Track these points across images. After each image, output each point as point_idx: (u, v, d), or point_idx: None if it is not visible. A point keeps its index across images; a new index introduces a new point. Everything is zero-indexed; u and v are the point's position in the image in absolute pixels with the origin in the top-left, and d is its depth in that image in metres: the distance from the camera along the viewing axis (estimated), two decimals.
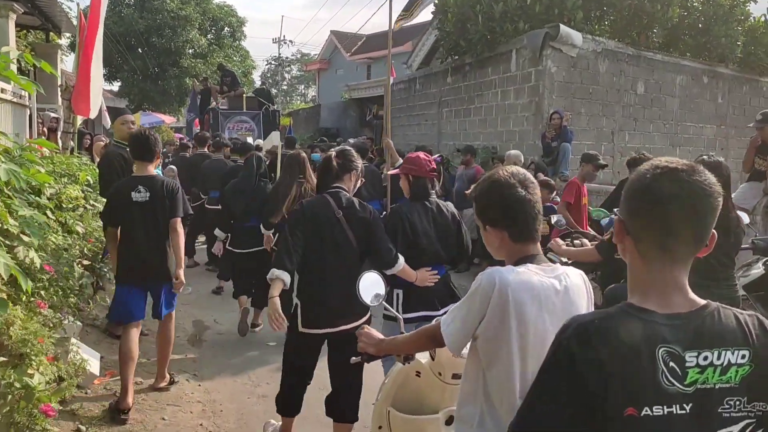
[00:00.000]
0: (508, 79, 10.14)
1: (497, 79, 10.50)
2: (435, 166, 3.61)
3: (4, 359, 2.78)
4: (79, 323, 4.42)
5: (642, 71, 10.27)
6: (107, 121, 7.80)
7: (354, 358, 2.31)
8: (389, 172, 6.65)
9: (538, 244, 1.83)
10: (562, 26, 9.10)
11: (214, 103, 17.40)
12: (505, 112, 10.28)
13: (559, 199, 6.51)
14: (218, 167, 7.72)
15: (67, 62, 19.00)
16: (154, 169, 4.18)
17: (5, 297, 2.93)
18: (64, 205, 5.47)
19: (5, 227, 3.16)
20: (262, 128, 16.26)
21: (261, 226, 5.50)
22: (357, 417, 3.37)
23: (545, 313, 1.66)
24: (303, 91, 57.43)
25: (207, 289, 7.23)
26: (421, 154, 3.64)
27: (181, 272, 4.07)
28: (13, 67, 3.38)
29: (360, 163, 3.54)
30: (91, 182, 6.18)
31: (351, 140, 17.22)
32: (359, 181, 3.57)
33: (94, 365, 4.11)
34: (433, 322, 1.94)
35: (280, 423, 3.60)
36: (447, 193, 8.92)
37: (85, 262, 5.27)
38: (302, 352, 3.36)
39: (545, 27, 9.23)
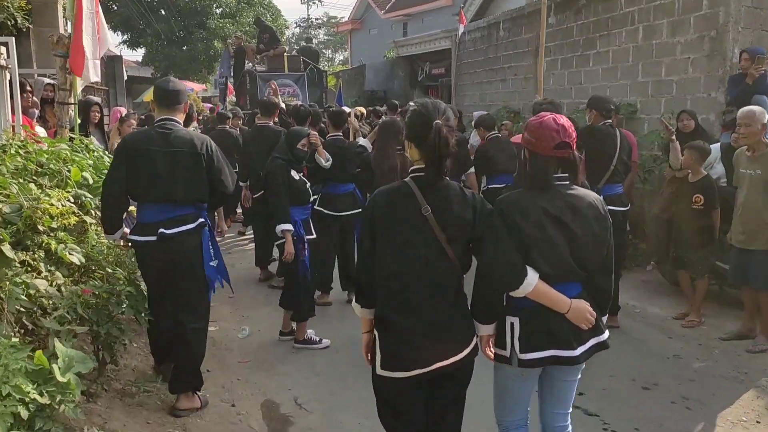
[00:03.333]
0: (659, 8, 7.42)
1: (637, 11, 7.78)
2: (570, 139, 2.41)
3: None
4: None
5: None
6: (93, 74, 5.41)
7: None
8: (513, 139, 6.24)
9: None
10: None
11: (250, 64, 14.96)
12: (651, 55, 7.58)
13: None
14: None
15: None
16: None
17: None
18: (40, 227, 3.15)
19: None
20: (307, 92, 13.82)
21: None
22: None
23: None
24: (330, 56, 54.66)
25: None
26: (550, 119, 2.42)
27: None
28: None
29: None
30: (90, 182, 3.81)
31: (412, 103, 14.68)
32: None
33: None
34: None
35: None
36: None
37: (78, 329, 2.98)
38: (395, 405, 2.46)
39: None
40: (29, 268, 3.11)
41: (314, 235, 4.80)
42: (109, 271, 3.48)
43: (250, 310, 5.61)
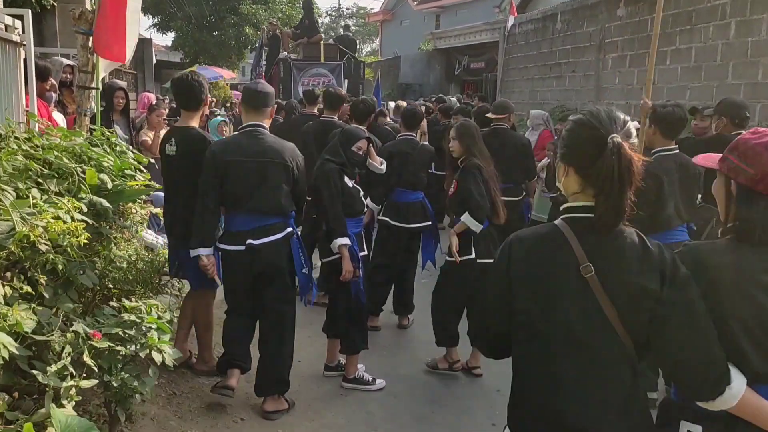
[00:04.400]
0: (759, 1, 6.52)
1: (729, 4, 6.88)
2: None
3: None
4: None
5: None
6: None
7: None
8: (696, 160, 3.76)
9: None
10: None
11: (285, 52, 14.24)
12: (745, 54, 6.68)
13: None
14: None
15: None
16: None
17: None
18: (42, 246, 2.45)
19: None
20: (344, 82, 13.06)
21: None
22: None
23: None
24: (359, 47, 53.85)
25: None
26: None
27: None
28: None
29: None
30: (109, 185, 3.08)
31: (453, 98, 13.89)
32: None
33: None
34: None
35: None
36: None
37: (84, 384, 2.28)
38: None
39: None
40: (28, 296, 2.41)
41: (366, 251, 4.07)
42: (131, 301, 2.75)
43: None
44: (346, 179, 3.84)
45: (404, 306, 5.05)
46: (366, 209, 4.05)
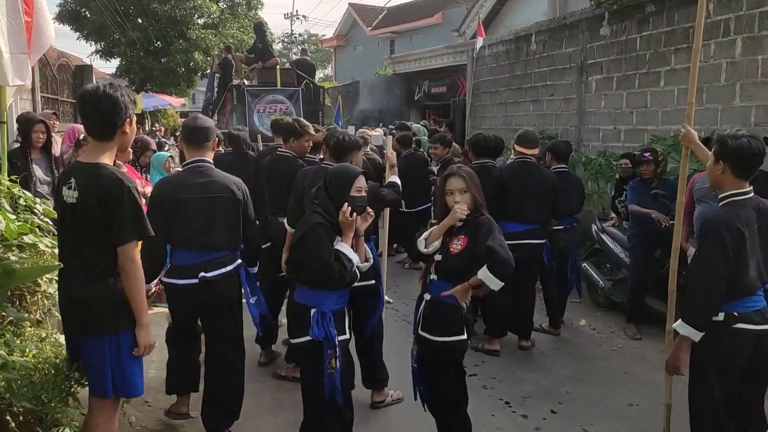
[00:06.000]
0: None
1: (733, 20, 6.27)
2: None
3: None
4: None
5: None
6: (16, 74, 3.70)
7: None
8: None
9: None
10: None
11: (239, 78, 13.26)
12: (754, 74, 6.05)
13: None
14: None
15: None
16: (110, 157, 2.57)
17: None
18: None
19: None
20: (302, 110, 12.16)
21: None
22: None
23: None
24: None
25: None
26: None
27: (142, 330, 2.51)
28: None
29: None
30: None
31: (416, 124, 13.07)
32: None
33: None
34: None
35: None
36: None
37: None
38: None
39: None
40: None
41: (348, 335, 3.09)
42: None
43: (250, 423, 3.79)
44: (340, 244, 2.91)
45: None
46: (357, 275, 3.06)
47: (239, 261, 3.47)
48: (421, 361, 3.10)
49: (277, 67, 12.74)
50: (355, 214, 2.91)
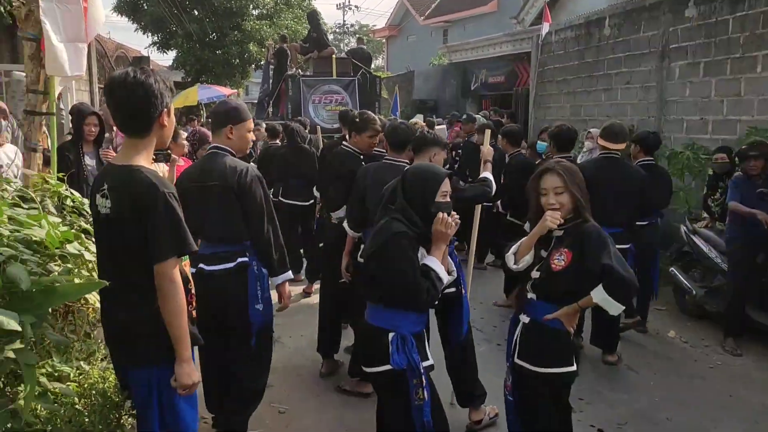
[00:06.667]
0: None
1: None
2: None
3: None
4: None
5: None
6: (68, 64, 3.38)
7: None
8: None
9: None
10: None
11: (293, 68, 13.00)
12: None
13: None
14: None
15: None
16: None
17: None
18: None
19: None
20: (358, 101, 11.81)
21: None
22: None
23: None
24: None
25: None
26: None
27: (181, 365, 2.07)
28: None
29: None
30: (24, 284, 1.76)
31: (476, 115, 12.45)
32: None
33: None
34: None
35: None
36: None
37: None
38: None
39: None
40: None
41: (431, 361, 2.61)
42: None
43: None
44: (426, 255, 2.49)
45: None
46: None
47: (245, 259, 3.11)
48: (517, 395, 2.66)
49: (333, 56, 12.40)
50: (454, 224, 2.46)
